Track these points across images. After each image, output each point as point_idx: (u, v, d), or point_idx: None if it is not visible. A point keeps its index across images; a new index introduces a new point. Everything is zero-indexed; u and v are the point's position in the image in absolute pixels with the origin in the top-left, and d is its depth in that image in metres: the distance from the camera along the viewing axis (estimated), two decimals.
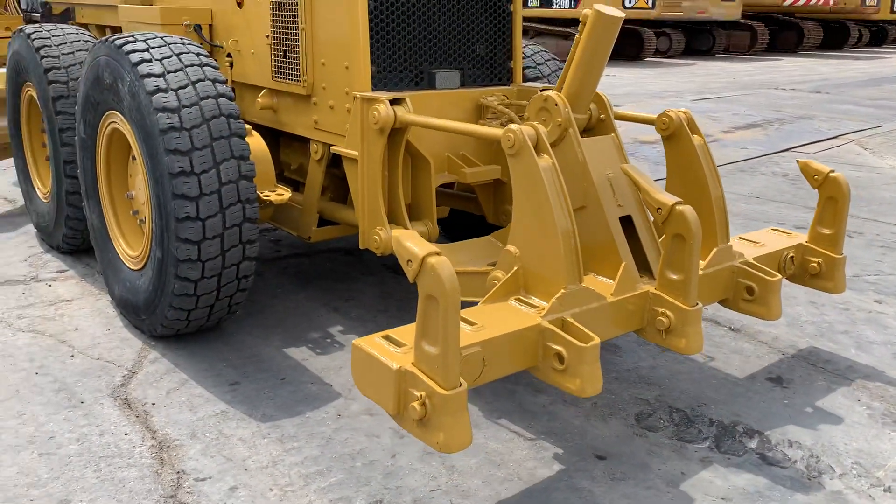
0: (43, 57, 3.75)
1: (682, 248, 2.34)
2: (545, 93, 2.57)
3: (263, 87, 3.41)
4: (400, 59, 2.97)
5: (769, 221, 5.13)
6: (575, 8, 18.23)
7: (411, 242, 1.86)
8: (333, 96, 3.01)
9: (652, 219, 2.61)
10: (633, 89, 12.83)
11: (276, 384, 2.86)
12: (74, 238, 4.03)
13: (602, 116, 2.82)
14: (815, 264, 2.99)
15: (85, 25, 4.86)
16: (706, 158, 2.74)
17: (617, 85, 13.47)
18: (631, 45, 19.57)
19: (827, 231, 2.97)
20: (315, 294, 3.73)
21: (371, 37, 2.85)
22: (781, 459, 2.45)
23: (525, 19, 19.20)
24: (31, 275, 3.92)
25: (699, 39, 21.89)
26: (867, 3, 24.35)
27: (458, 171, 3.07)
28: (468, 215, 3.69)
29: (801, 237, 3.09)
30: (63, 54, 3.78)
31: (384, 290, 3.80)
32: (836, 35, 25.14)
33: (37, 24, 4.17)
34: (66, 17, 5.04)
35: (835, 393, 2.88)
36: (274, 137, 3.58)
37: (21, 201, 5.16)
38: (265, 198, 3.08)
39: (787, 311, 3.65)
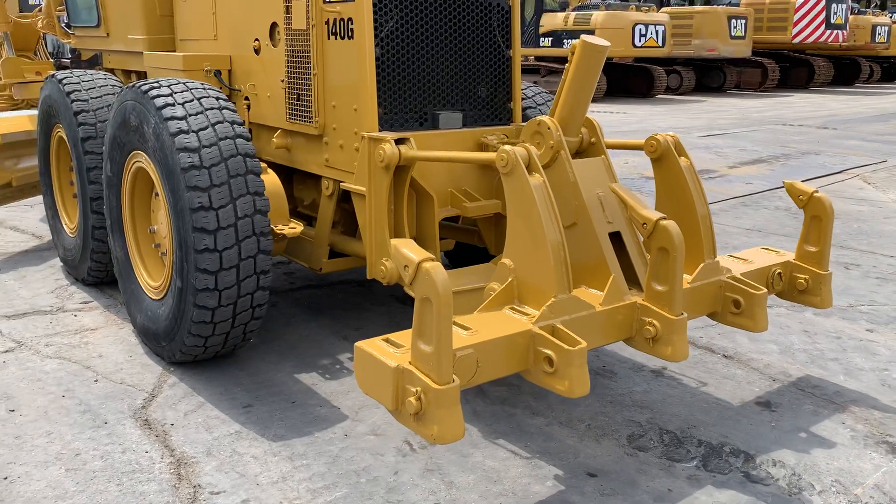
0: (73, 100, 4.01)
1: (666, 261, 2.50)
2: (539, 117, 2.77)
3: (278, 128, 3.63)
4: (405, 101, 3.18)
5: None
6: None
7: (408, 249, 2.05)
8: (343, 136, 3.22)
9: (642, 238, 2.77)
10: (644, 126, 13.04)
11: (287, 407, 3.02)
12: (99, 271, 4.24)
13: (593, 140, 3.00)
14: (802, 280, 3.13)
15: (112, 70, 5.14)
16: (692, 179, 2.91)
17: (627, 122, 13.70)
18: (642, 82, 19.89)
19: (813, 248, 3.12)
20: (326, 323, 3.91)
21: (378, 81, 3.07)
22: (765, 477, 2.57)
23: (537, 59, 19.53)
24: (57, 305, 4.13)
25: (710, 76, 22.17)
26: (877, 40, 24.60)
27: (460, 206, 3.25)
28: (472, 247, 3.87)
29: (789, 255, 3.23)
30: (92, 98, 4.04)
31: (392, 320, 3.97)
32: (847, 71, 25.33)
33: (67, 70, 4.44)
34: (95, 62, 5.34)
35: (821, 416, 3.00)
36: (288, 175, 3.79)
37: (48, 237, 5.41)
38: (279, 231, 3.28)
39: (780, 339, 3.78)
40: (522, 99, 3.68)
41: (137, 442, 2.75)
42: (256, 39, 3.66)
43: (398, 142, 2.88)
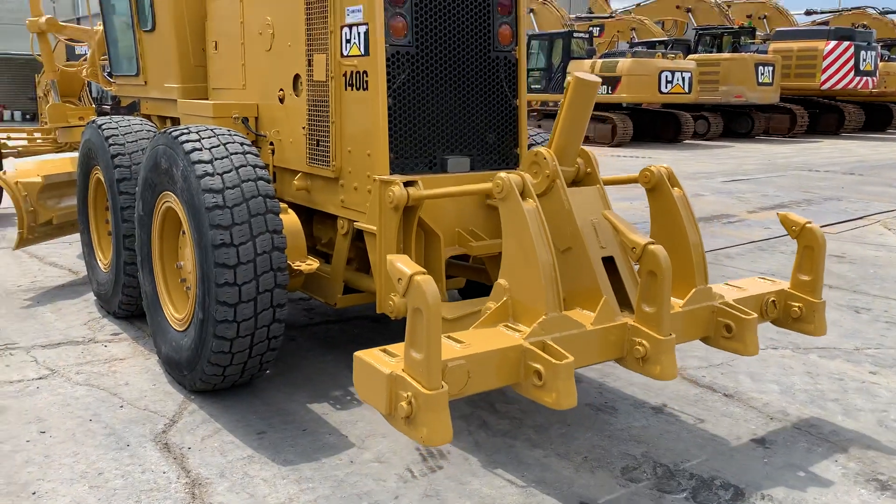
0: (111, 144, 4.29)
1: (654, 283, 2.64)
2: (536, 148, 2.95)
3: (299, 171, 3.86)
4: (415, 146, 3.39)
5: None
6: (612, 94, 18.85)
7: (402, 263, 2.24)
8: (357, 179, 3.43)
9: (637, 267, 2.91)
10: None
11: (298, 434, 3.18)
12: (129, 304, 4.47)
13: (588, 170, 3.17)
14: (796, 308, 3.22)
15: (148, 116, 5.46)
16: (685, 208, 3.06)
17: None
18: (669, 127, 20.09)
19: (806, 277, 3.23)
20: (341, 357, 4.08)
21: (389, 129, 3.28)
22: None
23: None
24: (89, 336, 4.37)
25: (738, 122, 22.30)
26: None
27: (467, 245, 3.43)
28: (482, 285, 4.03)
29: (784, 283, 3.33)
30: (128, 142, 4.32)
31: None
32: (878, 117, 25.26)
33: (107, 116, 4.75)
34: (133, 108, 5.67)
35: (814, 454, 3.07)
36: (308, 215, 4.02)
37: (83, 272, 5.68)
38: (296, 267, 3.48)
39: (782, 379, 3.86)
40: (529, 145, 3.86)
41: (156, 463, 2.92)
42: (281, 89, 3.92)
43: (407, 184, 3.08)
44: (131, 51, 5.38)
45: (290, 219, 3.55)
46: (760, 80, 20.76)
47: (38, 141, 8.47)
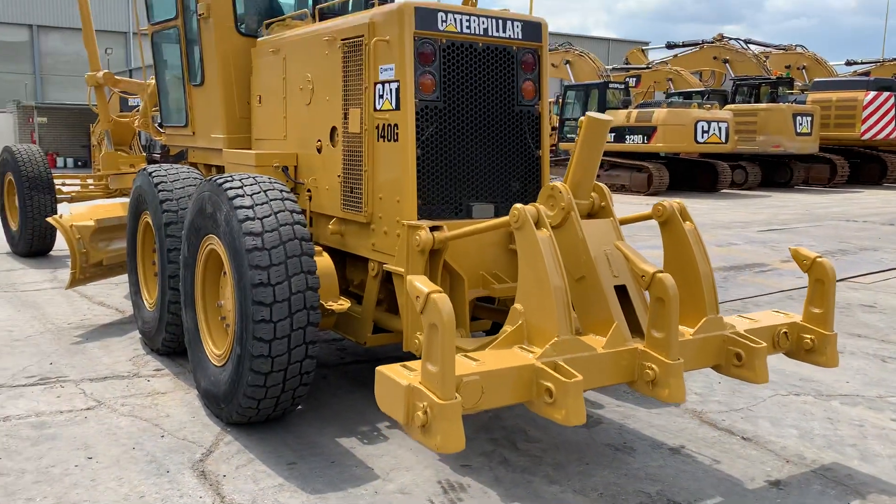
0: (160, 190, 4.59)
1: (662, 310, 2.78)
2: (552, 183, 3.14)
3: (334, 216, 4.10)
4: (442, 194, 3.60)
5: None
6: (648, 143, 19.00)
7: (419, 282, 2.43)
8: (387, 224, 3.65)
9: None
10: (703, 220, 13.20)
11: (326, 465, 3.34)
12: (172, 342, 4.71)
13: (602, 204, 3.33)
14: (808, 340, 3.31)
15: (195, 164, 5.78)
16: (696, 241, 3.21)
17: None
18: (707, 177, 20.10)
19: (817, 310, 3.32)
20: (369, 395, 4.20)
21: (418, 177, 3.51)
22: None
23: None
24: (133, 371, 4.61)
25: (777, 172, 22.21)
26: None
27: (490, 287, 3.60)
28: None
29: (796, 316, 3.42)
30: (176, 188, 4.61)
31: None
32: None
33: (157, 164, 5.08)
34: (181, 157, 6.01)
35: (827, 496, 3.13)
36: (342, 258, 4.24)
37: (129, 312, 5.97)
38: (328, 307, 3.69)
39: (801, 424, 3.92)
40: None
41: (193, 489, 3.10)
42: (319, 140, 4.18)
43: (433, 229, 3.29)
44: (181, 103, 5.74)
45: (324, 261, 3.77)
46: (799, 131, 20.71)
47: (90, 187, 8.92)
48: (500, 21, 3.68)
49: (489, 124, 3.72)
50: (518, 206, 2.87)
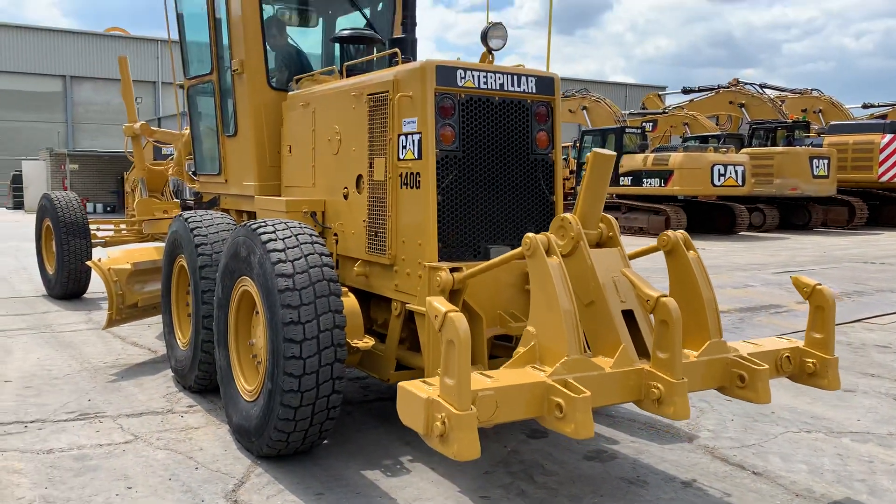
0: (195, 235, 4.85)
1: (666, 332, 2.96)
2: (562, 214, 3.35)
3: (359, 259, 4.33)
4: (461, 237, 3.82)
5: None
6: (665, 186, 19.20)
7: (438, 303, 2.65)
8: (410, 266, 3.87)
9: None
10: (719, 262, 13.32)
11: (352, 496, 3.52)
12: (204, 379, 4.93)
13: (611, 234, 3.53)
14: (810, 364, 3.47)
15: (227, 210, 6.07)
16: (699, 269, 3.40)
17: (704, 258, 13.86)
18: (724, 219, 20.22)
19: (818, 335, 3.49)
20: (392, 430, 4.42)
21: (438, 222, 3.74)
22: None
23: (618, 196, 20.21)
24: (167, 408, 4.82)
25: (795, 214, 22.28)
26: None
27: (507, 325, 3.80)
28: None
29: (799, 342, 3.58)
30: (210, 233, 4.88)
31: None
32: None
33: (191, 210, 5.36)
34: (213, 203, 6.31)
35: None
36: (367, 298, 4.45)
37: (161, 351, 6.22)
38: (354, 345, 3.89)
39: (811, 460, 4.03)
40: None
41: None
42: (346, 187, 4.44)
43: (452, 270, 3.51)
44: (214, 153, 6.06)
45: (350, 301, 3.99)
46: (816, 173, 20.84)
47: (123, 231, 9.27)
48: (516, 76, 3.95)
49: (505, 172, 3.96)
50: (530, 234, 3.09)
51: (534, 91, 4.01)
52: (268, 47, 5.39)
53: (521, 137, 4.01)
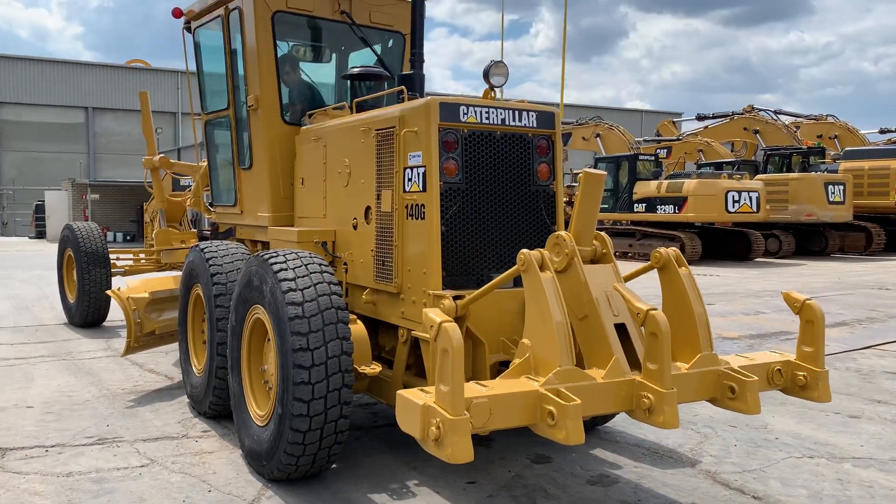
0: (211, 265, 5.03)
1: (656, 343, 3.06)
2: (557, 232, 3.45)
3: (367, 287, 4.48)
4: (465, 266, 3.96)
5: (823, 411, 5.52)
6: (679, 213, 19.26)
7: (433, 313, 2.79)
8: (415, 294, 4.01)
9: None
10: (733, 288, 13.34)
11: None
12: (218, 405, 5.07)
13: (604, 251, 3.63)
14: (801, 377, 3.54)
15: (242, 240, 6.26)
16: (690, 285, 3.51)
17: (717, 285, 14.03)
18: (740, 246, 20.22)
19: (809, 349, 3.56)
20: (400, 455, 4.52)
21: (442, 251, 3.88)
22: None
23: (632, 223, 20.29)
24: (182, 433, 4.96)
25: (812, 240, 22.21)
26: None
27: (510, 352, 3.90)
28: None
29: (790, 356, 3.65)
30: (225, 263, 5.05)
31: None
32: None
33: (208, 241, 5.54)
34: (229, 233, 6.50)
35: None
36: (375, 325, 4.59)
37: (177, 378, 6.38)
38: (361, 371, 4.02)
39: (812, 485, 4.09)
40: None
41: None
42: (355, 218, 4.60)
43: (456, 297, 3.63)
44: (231, 185, 6.26)
45: (357, 328, 4.12)
46: (831, 199, 20.81)
47: (141, 261, 9.50)
48: (517, 112, 4.10)
49: (508, 203, 4.10)
50: (524, 251, 3.23)
51: (535, 125, 4.16)
52: (282, 84, 5.60)
53: (523, 170, 4.15)
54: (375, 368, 4.06)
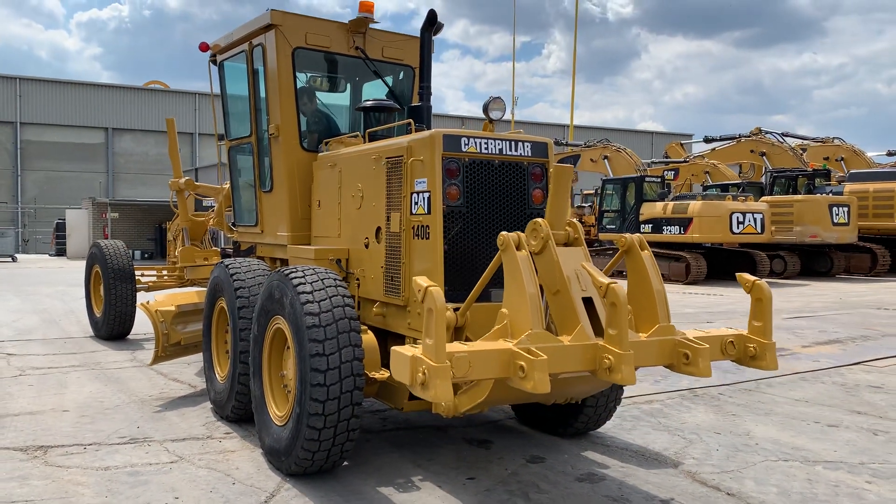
0: (234, 280, 5.48)
1: (615, 312, 3.50)
2: (534, 220, 3.89)
3: (377, 300, 4.92)
4: (465, 281, 4.39)
5: (805, 420, 5.89)
6: (684, 234, 19.63)
7: (420, 280, 3.29)
8: (420, 306, 4.43)
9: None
10: (734, 307, 13.68)
11: None
12: (240, 409, 5.50)
13: (576, 236, 4.08)
14: (751, 348, 3.96)
15: (262, 258, 6.72)
16: (651, 265, 3.97)
17: (720, 304, 14.37)
18: (745, 266, 20.49)
19: (758, 324, 3.98)
20: (406, 454, 4.93)
21: (444, 268, 4.32)
22: None
23: None
24: (207, 434, 5.39)
25: (817, 261, 22.46)
26: None
27: None
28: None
29: (743, 330, 4.06)
30: (248, 278, 5.50)
31: (459, 455, 4.95)
32: None
33: (231, 258, 6.01)
34: (250, 251, 6.97)
35: None
36: (384, 336, 5.02)
37: (200, 386, 6.82)
38: (371, 376, 4.45)
39: (783, 484, 4.47)
40: None
41: None
42: (367, 238, 5.05)
43: (456, 310, 4.06)
44: (252, 206, 6.74)
45: (368, 337, 4.56)
46: (836, 221, 21.12)
47: (164, 277, 9.99)
48: (513, 142, 4.56)
49: (505, 224, 4.53)
50: (504, 233, 3.74)
51: (529, 154, 4.61)
52: (300, 114, 6.09)
53: (519, 195, 4.59)
54: (384, 374, 4.48)
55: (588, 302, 3.77)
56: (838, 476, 4.62)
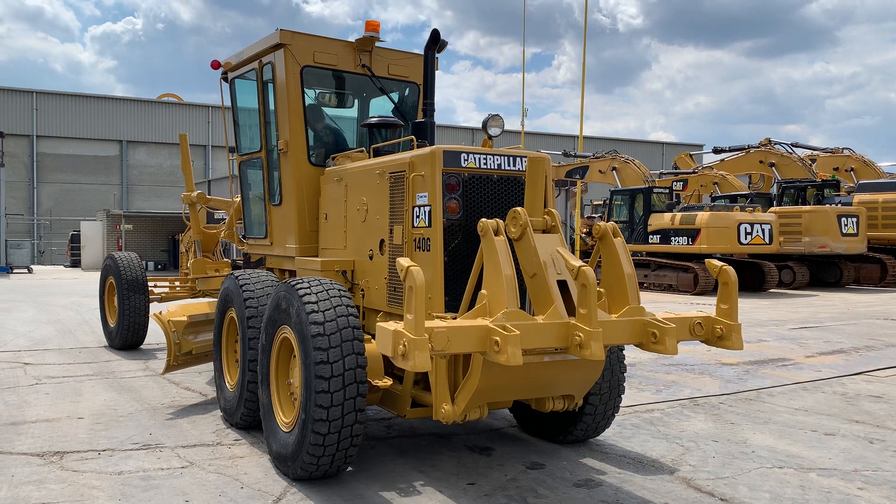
0: (244, 291, 5.66)
1: (585, 293, 3.68)
2: (515, 208, 4.09)
3: (381, 310, 5.07)
4: (464, 291, 4.53)
5: (802, 429, 5.99)
6: (692, 245, 19.70)
7: (403, 260, 3.50)
8: None
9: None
10: (741, 318, 13.69)
11: None
12: (248, 416, 5.67)
13: (553, 224, 4.27)
14: (718, 329, 4.15)
15: (271, 269, 6.90)
16: (623, 251, 4.19)
17: None
18: (754, 277, 20.54)
19: (724, 306, 4.18)
20: (409, 461, 5.08)
21: (445, 279, 4.47)
22: None
23: (647, 254, 20.67)
24: (216, 441, 5.56)
25: (826, 272, 22.47)
26: None
27: None
28: (527, 406, 5.00)
29: (711, 313, 4.25)
30: (257, 289, 5.68)
31: (460, 461, 5.09)
32: None
33: (241, 270, 6.19)
34: (260, 263, 7.16)
35: None
36: None
37: (211, 395, 6.99)
38: (375, 384, 4.60)
39: (776, 490, 4.58)
40: None
41: None
42: (371, 250, 5.22)
43: (454, 318, 4.21)
44: (262, 219, 6.93)
45: (371, 346, 4.71)
46: (844, 231, 21.14)
47: (177, 288, 10.19)
48: (511, 157, 4.72)
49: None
50: (483, 220, 3.97)
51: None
52: (308, 129, 6.28)
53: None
54: (387, 382, 4.64)
55: (563, 285, 3.97)
56: (831, 483, 4.72)
